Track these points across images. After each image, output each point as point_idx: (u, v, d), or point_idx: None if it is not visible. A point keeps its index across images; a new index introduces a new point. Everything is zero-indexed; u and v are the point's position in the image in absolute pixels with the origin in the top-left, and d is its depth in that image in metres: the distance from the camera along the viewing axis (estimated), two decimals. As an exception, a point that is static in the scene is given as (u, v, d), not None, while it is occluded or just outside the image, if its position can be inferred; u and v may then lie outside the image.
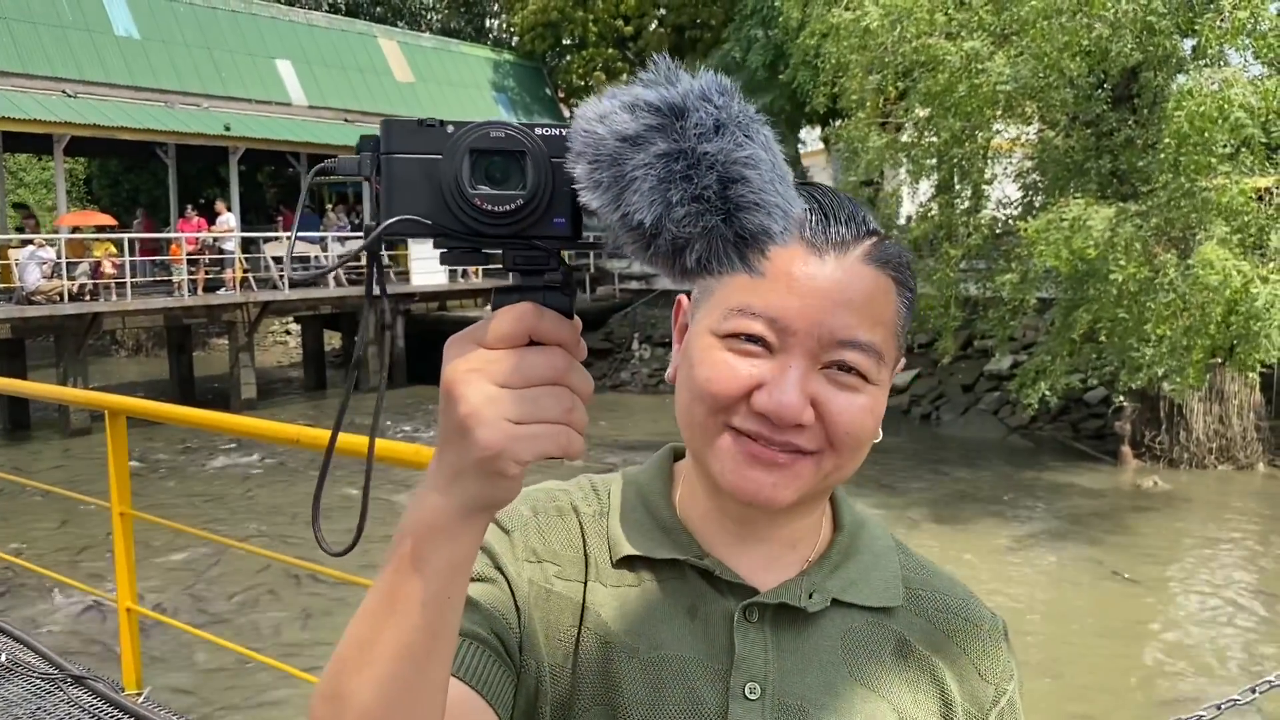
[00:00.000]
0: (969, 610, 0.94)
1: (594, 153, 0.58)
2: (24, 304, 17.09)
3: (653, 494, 0.92)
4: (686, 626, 0.86)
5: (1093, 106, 13.74)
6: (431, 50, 27.75)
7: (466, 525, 0.64)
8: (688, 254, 0.57)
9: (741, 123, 0.58)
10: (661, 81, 0.59)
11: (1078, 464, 15.09)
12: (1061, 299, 13.36)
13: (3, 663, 4.17)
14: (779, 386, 0.80)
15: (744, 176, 0.57)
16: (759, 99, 23.08)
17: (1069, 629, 9.14)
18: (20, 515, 12.19)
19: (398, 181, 0.63)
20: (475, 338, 0.63)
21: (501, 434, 0.60)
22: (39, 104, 18.46)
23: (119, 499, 3.87)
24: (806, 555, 0.91)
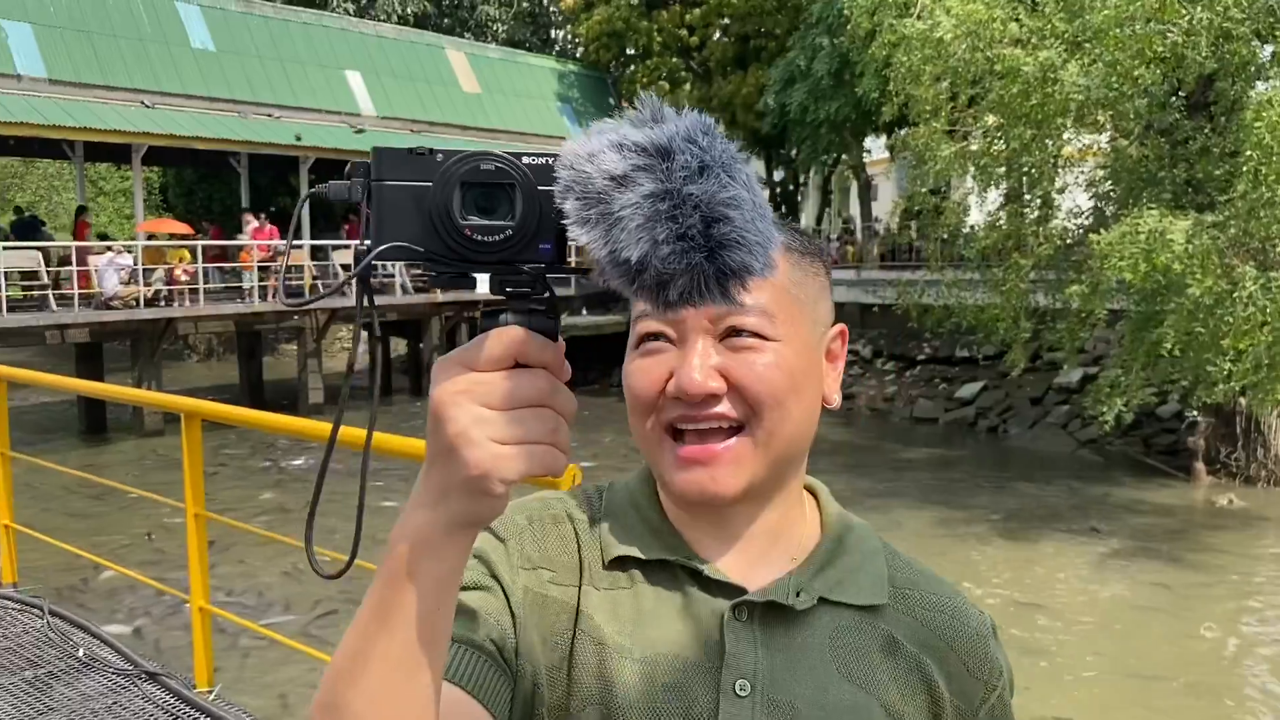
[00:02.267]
0: (956, 608, 0.95)
1: (582, 190, 0.60)
2: (102, 309, 17.56)
3: (642, 498, 0.95)
4: (677, 626, 0.88)
5: (1167, 114, 13.46)
6: (498, 61, 28.01)
7: (453, 540, 0.67)
8: (671, 288, 0.60)
9: (725, 164, 0.60)
10: (648, 121, 0.62)
11: (1149, 480, 14.75)
12: (1134, 311, 13.07)
13: (81, 658, 4.28)
14: (683, 366, 0.84)
15: (727, 216, 0.59)
16: (824, 107, 22.99)
17: (1139, 651, 8.92)
18: (98, 514, 12.51)
19: (388, 208, 0.65)
20: (463, 360, 0.65)
21: (488, 454, 0.63)
22: (119, 115, 18.97)
23: (193, 500, 3.94)
24: (793, 555, 0.92)
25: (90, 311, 17.48)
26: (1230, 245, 11.71)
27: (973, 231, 16.42)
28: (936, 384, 20.46)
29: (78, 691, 3.97)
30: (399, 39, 25.78)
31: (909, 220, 18.22)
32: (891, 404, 20.45)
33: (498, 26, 36.36)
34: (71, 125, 17.89)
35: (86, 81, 19.27)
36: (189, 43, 21.20)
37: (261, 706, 7.04)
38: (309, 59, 23.06)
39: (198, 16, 21.54)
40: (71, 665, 4.22)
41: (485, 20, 36.24)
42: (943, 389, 20.18)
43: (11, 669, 4.18)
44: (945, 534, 12.32)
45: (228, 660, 7.68)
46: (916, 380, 20.86)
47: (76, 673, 4.15)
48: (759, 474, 0.86)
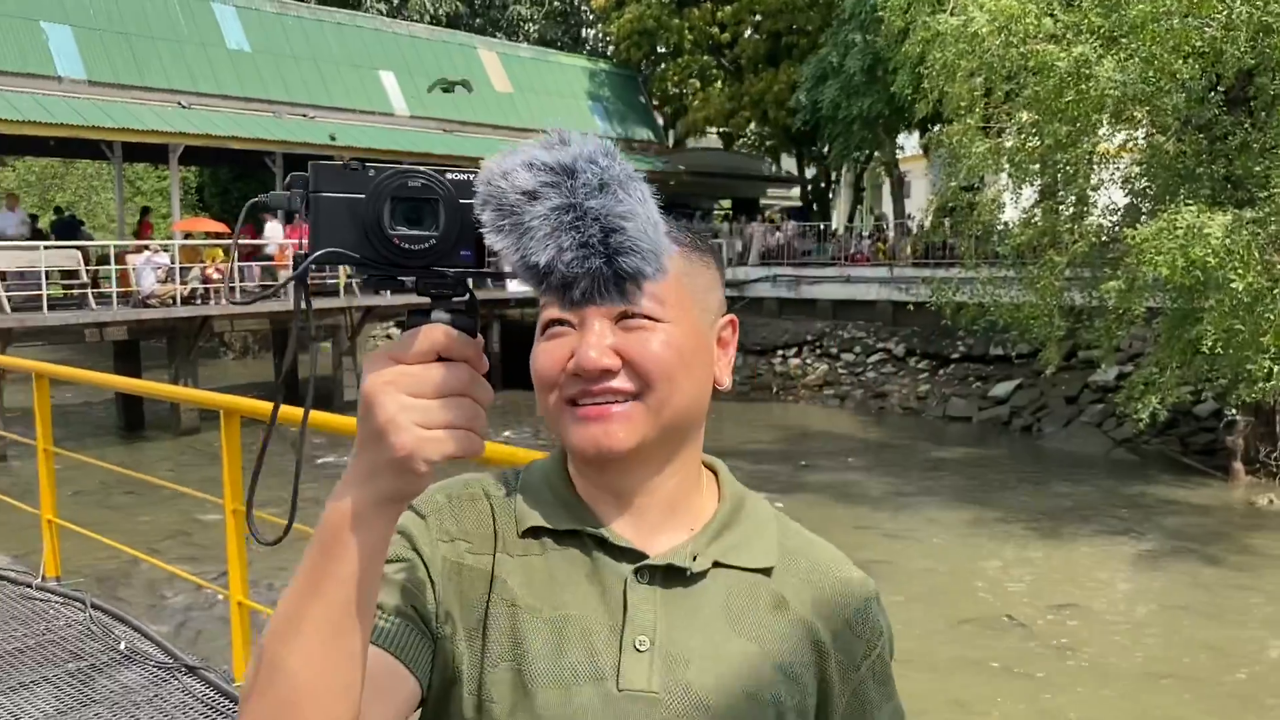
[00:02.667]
0: (841, 572, 1.02)
1: (497, 203, 0.69)
2: (140, 307, 17.78)
3: (554, 475, 1.02)
4: (585, 588, 0.95)
5: (1205, 110, 13.29)
6: (529, 60, 28.08)
7: (380, 514, 0.75)
8: (575, 289, 0.69)
9: (622, 181, 0.70)
10: (555, 144, 0.70)
11: (1186, 480, 14.59)
12: (1171, 309, 12.91)
13: (123, 650, 4.34)
14: (580, 347, 0.92)
15: (622, 227, 0.69)
16: (856, 104, 22.88)
17: (1175, 653, 8.83)
18: (137, 510, 12.67)
19: (325, 217, 0.72)
20: (392, 354, 0.73)
21: (413, 438, 0.71)
22: (156, 115, 19.19)
23: (231, 496, 3.99)
24: (692, 525, 1.00)
25: (128, 310, 17.71)
26: (1270, 241, 11.54)
27: (1007, 228, 16.27)
28: (970, 382, 20.31)
29: (119, 684, 4.03)
30: (431, 39, 25.91)
31: (943, 217, 18.08)
32: (924, 403, 20.32)
33: (529, 26, 36.45)
34: (110, 126, 18.12)
35: (125, 83, 19.52)
36: (225, 43, 21.42)
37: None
38: (343, 59, 23.23)
39: (233, 17, 21.75)
40: (113, 658, 4.28)
41: (517, 20, 36.34)
42: (976, 387, 20.03)
43: (55, 661, 4.25)
44: (979, 533, 12.24)
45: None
46: (950, 379, 20.72)
47: (118, 665, 4.21)
48: (649, 435, 0.93)
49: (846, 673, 1.00)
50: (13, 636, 4.52)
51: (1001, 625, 9.32)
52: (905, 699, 1.07)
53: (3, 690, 3.98)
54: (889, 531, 12.30)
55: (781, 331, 23.89)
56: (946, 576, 10.73)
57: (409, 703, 0.91)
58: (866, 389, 21.47)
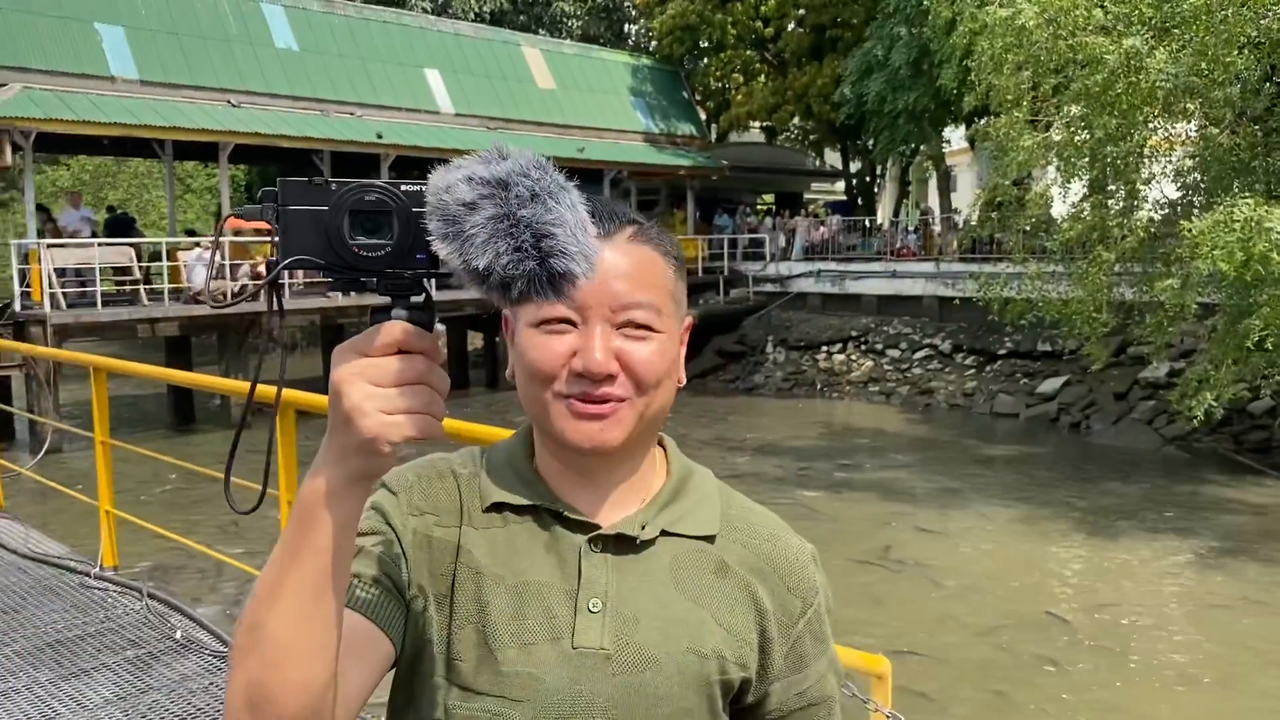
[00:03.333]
0: (777, 536, 1.13)
1: (441, 214, 0.77)
2: (190, 303, 18.06)
3: (516, 455, 1.11)
4: (543, 558, 1.05)
5: (1260, 101, 13.03)
6: (573, 57, 28.12)
7: (351, 491, 0.84)
8: (513, 288, 0.77)
9: (551, 191, 0.78)
10: (494, 159, 0.78)
11: (1240, 478, 14.33)
12: (1227, 304, 12.67)
13: (178, 640, 4.43)
14: (588, 349, 1.00)
15: (552, 233, 0.77)
16: (902, 97, 22.68)
17: (1228, 655, 8.69)
18: (191, 502, 12.88)
19: (292, 228, 0.81)
20: (357, 347, 0.82)
21: (377, 422, 0.80)
22: (206, 114, 19.46)
23: (285, 486, 4.06)
24: (641, 497, 1.09)
25: (180, 306, 18.00)
26: (1328, 236, 11.29)
27: (1055, 223, 16.06)
28: (1018, 379, 20.08)
29: (176, 671, 4.12)
30: (476, 37, 26.02)
31: (990, 212, 17.87)
32: (971, 399, 20.13)
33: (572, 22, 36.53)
34: (161, 125, 18.39)
35: (176, 82, 19.80)
36: (273, 43, 21.66)
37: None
38: (389, 58, 23.41)
39: (281, 17, 21.99)
40: (169, 646, 4.37)
41: (560, 16, 36.43)
42: (1024, 384, 19.80)
43: (113, 649, 4.35)
44: (1027, 531, 12.12)
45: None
46: (997, 375, 20.50)
47: (174, 653, 4.30)
48: (634, 433, 1.03)
49: (785, 629, 1.09)
50: (73, 624, 4.62)
51: (1045, 622, 9.22)
52: (945, 692, 1.10)
53: (64, 676, 4.08)
54: (935, 528, 12.21)
55: (825, 327, 23.73)
56: (992, 573, 10.63)
57: (384, 663, 1.01)
58: (912, 385, 21.29)
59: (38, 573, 5.32)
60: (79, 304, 17.19)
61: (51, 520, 9.59)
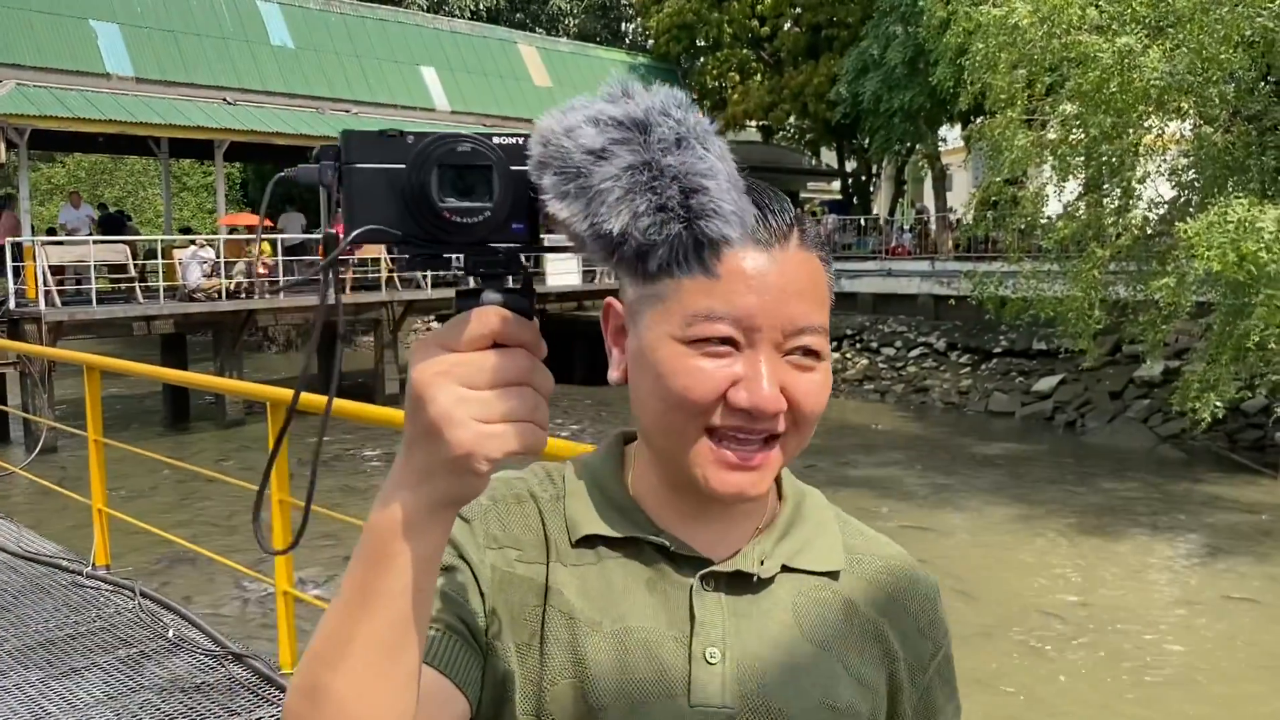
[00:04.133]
0: (907, 572, 0.99)
1: (560, 165, 0.61)
2: (186, 301, 18.05)
3: (606, 476, 0.95)
4: (646, 599, 0.89)
5: (1255, 100, 13.05)
6: (569, 55, 28.14)
7: (435, 520, 0.68)
8: (651, 259, 0.61)
9: (700, 136, 0.62)
10: (620, 96, 0.63)
11: (1234, 477, 14.35)
12: (1223, 304, 12.69)
13: (170, 638, 4.43)
14: (755, 383, 0.83)
15: (704, 186, 0.61)
16: (897, 96, 22.69)
17: (1223, 653, 8.71)
18: (185, 500, 12.88)
19: (360, 191, 0.65)
20: (441, 341, 0.66)
21: (472, 434, 0.64)
22: (202, 112, 19.46)
23: (278, 486, 4.05)
24: (755, 525, 0.94)
25: (175, 303, 17.99)
26: (1322, 235, 11.31)
27: (1050, 222, 16.08)
28: (1013, 377, 20.10)
29: (167, 671, 4.11)
30: (472, 35, 26.03)
31: (985, 210, 17.90)
32: (966, 398, 20.15)
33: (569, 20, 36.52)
34: (157, 122, 18.40)
35: (171, 79, 19.80)
36: (269, 40, 21.65)
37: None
38: (385, 55, 23.41)
39: (277, 15, 21.99)
40: (161, 645, 4.37)
41: (557, 14, 36.42)
42: (1019, 382, 19.82)
43: (105, 648, 4.35)
44: (1022, 529, 12.13)
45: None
46: (992, 373, 20.53)
47: (166, 653, 4.29)
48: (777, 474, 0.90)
49: (915, 675, 0.96)
50: (64, 623, 4.62)
51: (1039, 620, 9.24)
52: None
53: (55, 675, 4.08)
54: (930, 527, 12.22)
55: (821, 326, 23.73)
56: (986, 571, 10.65)
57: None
58: (907, 384, 21.31)
59: (29, 571, 5.32)
60: (74, 302, 17.17)
61: (45, 519, 9.58)
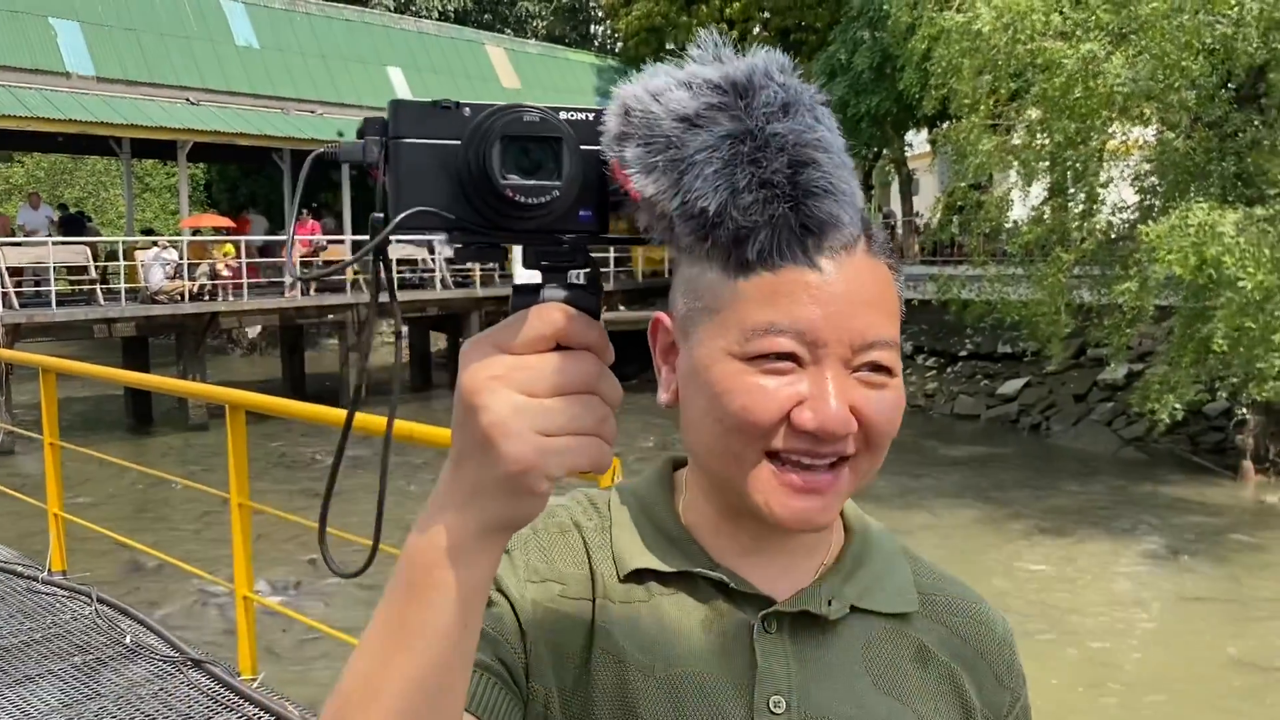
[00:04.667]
0: (983, 615, 0.92)
1: (648, 133, 0.53)
2: (148, 303, 17.82)
3: (656, 505, 0.88)
4: (703, 641, 0.82)
5: (1216, 107, 13.23)
6: (537, 57, 28.10)
7: (485, 546, 0.60)
8: (749, 244, 0.53)
9: (808, 104, 0.54)
10: (713, 59, 0.55)
11: (1196, 478, 14.53)
12: (1183, 307, 12.86)
13: (128, 644, 4.35)
14: (822, 402, 0.75)
15: (815, 159, 0.53)
16: (865, 101, 22.82)
17: (1185, 652, 8.80)
18: (145, 505, 12.70)
19: (409, 170, 0.57)
20: (497, 341, 0.58)
21: (531, 447, 0.56)
22: (164, 111, 19.24)
23: (237, 490, 3.99)
24: (820, 560, 0.87)
25: (136, 306, 17.76)
26: (1281, 240, 11.49)
27: (1015, 226, 16.24)
28: (978, 380, 20.26)
29: (125, 678, 4.04)
30: (439, 35, 25.94)
31: (951, 215, 18.03)
32: (932, 400, 20.28)
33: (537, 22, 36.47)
34: (119, 122, 18.17)
35: (133, 79, 19.56)
36: (233, 40, 21.45)
37: (304, 694, 7.10)
38: (351, 55, 23.27)
39: (242, 14, 21.79)
40: (119, 652, 4.29)
41: (525, 16, 36.36)
42: (984, 385, 19.98)
43: (61, 655, 4.26)
44: (987, 532, 12.21)
45: (271, 648, 7.77)
46: (958, 376, 20.67)
47: (124, 659, 4.22)
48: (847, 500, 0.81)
49: None
50: (19, 630, 4.53)
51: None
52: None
53: (9, 683, 3.99)
54: (896, 529, 12.23)
55: (789, 329, 23.84)
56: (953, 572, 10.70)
57: None
58: (874, 387, 21.42)
59: (-16, 578, 5.21)
60: (33, 304, 16.91)
61: (2, 524, 9.41)
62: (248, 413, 3.98)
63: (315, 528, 0.68)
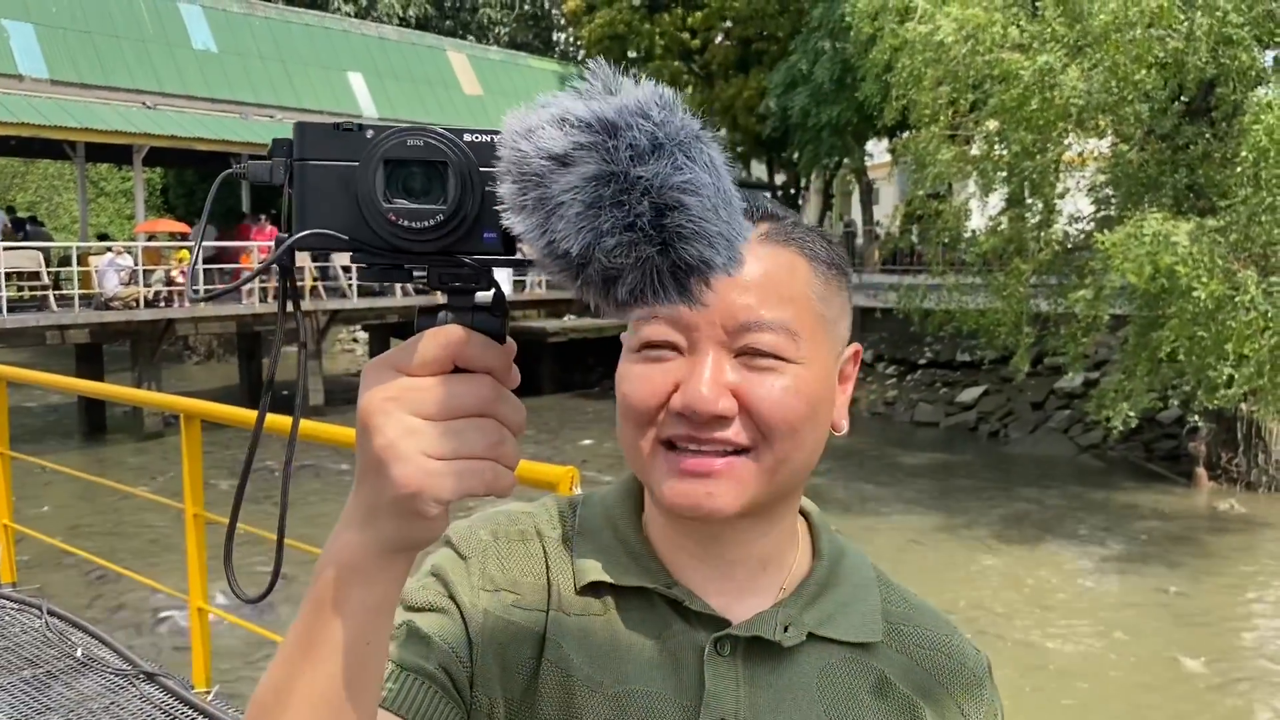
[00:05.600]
0: (953, 647, 0.89)
1: (519, 171, 0.53)
2: (102, 309, 17.55)
3: (620, 517, 0.86)
4: (654, 659, 0.80)
5: (1168, 120, 13.45)
6: (499, 63, 28.04)
7: (384, 566, 0.60)
8: (619, 286, 0.53)
9: (682, 141, 0.53)
10: (598, 93, 0.54)
11: (1150, 485, 14.74)
12: (1137, 316, 13.07)
13: (79, 658, 4.27)
14: (690, 383, 0.76)
15: (681, 203, 0.52)
16: (826, 111, 22.99)
17: (1140, 657, 8.91)
18: (98, 515, 12.49)
19: (311, 190, 0.58)
20: (396, 363, 0.58)
21: (419, 470, 0.56)
22: (120, 115, 18.98)
23: (192, 500, 3.93)
24: (780, 583, 0.85)
25: (90, 312, 17.48)
26: (1232, 250, 11.70)
27: (974, 236, 16.41)
28: (937, 388, 20.45)
29: (76, 691, 3.96)
30: (401, 41, 25.80)
31: (910, 224, 18.20)
32: (892, 408, 20.44)
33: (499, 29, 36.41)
34: (73, 126, 17.90)
35: (88, 82, 19.28)
36: (191, 44, 21.22)
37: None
38: (311, 60, 23.09)
39: (200, 17, 21.56)
40: (70, 665, 4.21)
41: (487, 23, 36.29)
42: (944, 393, 20.17)
43: (10, 669, 4.17)
44: (946, 539, 12.31)
45: (226, 661, 7.66)
46: (917, 384, 20.86)
47: (75, 673, 4.14)
48: (759, 497, 0.79)
49: None
50: (-34, 643, 4.43)
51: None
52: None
53: (-46, 698, 3.90)
54: (853, 536, 12.34)
55: (750, 337, 23.94)
56: (911, 581, 10.76)
57: None
58: (835, 394, 21.54)
59: (-70, 590, 5.10)
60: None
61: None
62: (204, 421, 3.93)
63: (272, 538, 0.68)
